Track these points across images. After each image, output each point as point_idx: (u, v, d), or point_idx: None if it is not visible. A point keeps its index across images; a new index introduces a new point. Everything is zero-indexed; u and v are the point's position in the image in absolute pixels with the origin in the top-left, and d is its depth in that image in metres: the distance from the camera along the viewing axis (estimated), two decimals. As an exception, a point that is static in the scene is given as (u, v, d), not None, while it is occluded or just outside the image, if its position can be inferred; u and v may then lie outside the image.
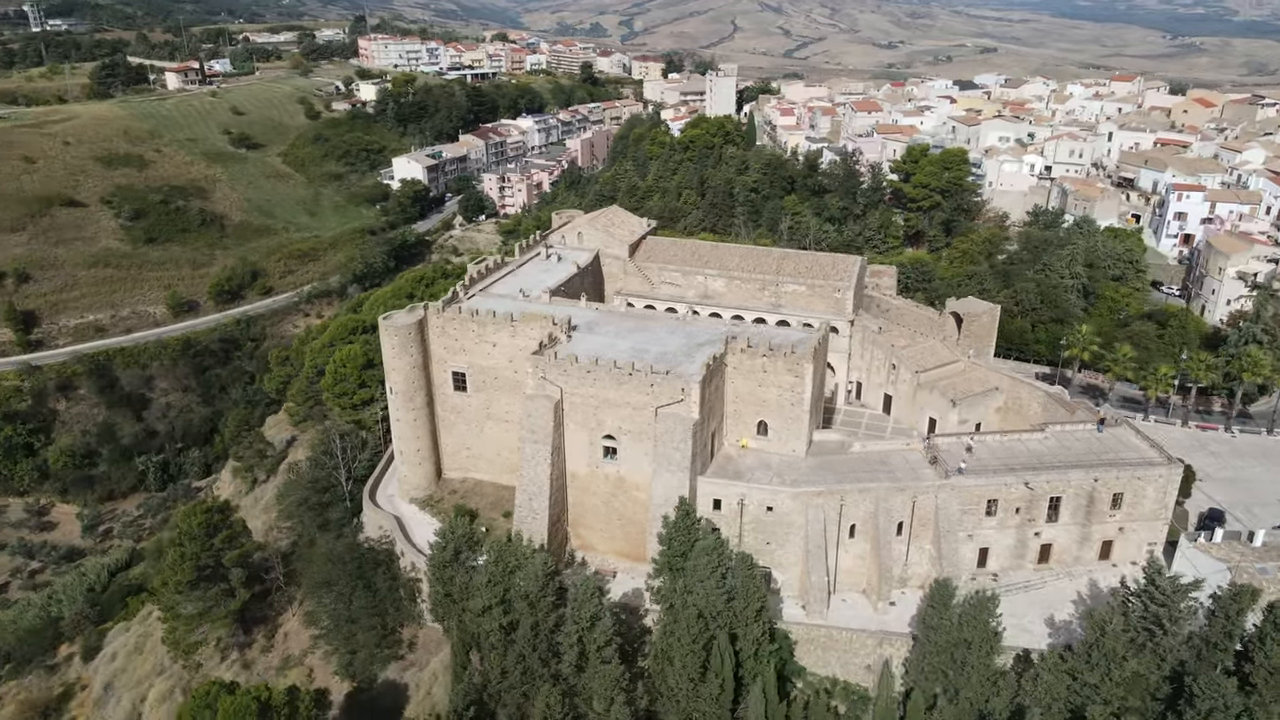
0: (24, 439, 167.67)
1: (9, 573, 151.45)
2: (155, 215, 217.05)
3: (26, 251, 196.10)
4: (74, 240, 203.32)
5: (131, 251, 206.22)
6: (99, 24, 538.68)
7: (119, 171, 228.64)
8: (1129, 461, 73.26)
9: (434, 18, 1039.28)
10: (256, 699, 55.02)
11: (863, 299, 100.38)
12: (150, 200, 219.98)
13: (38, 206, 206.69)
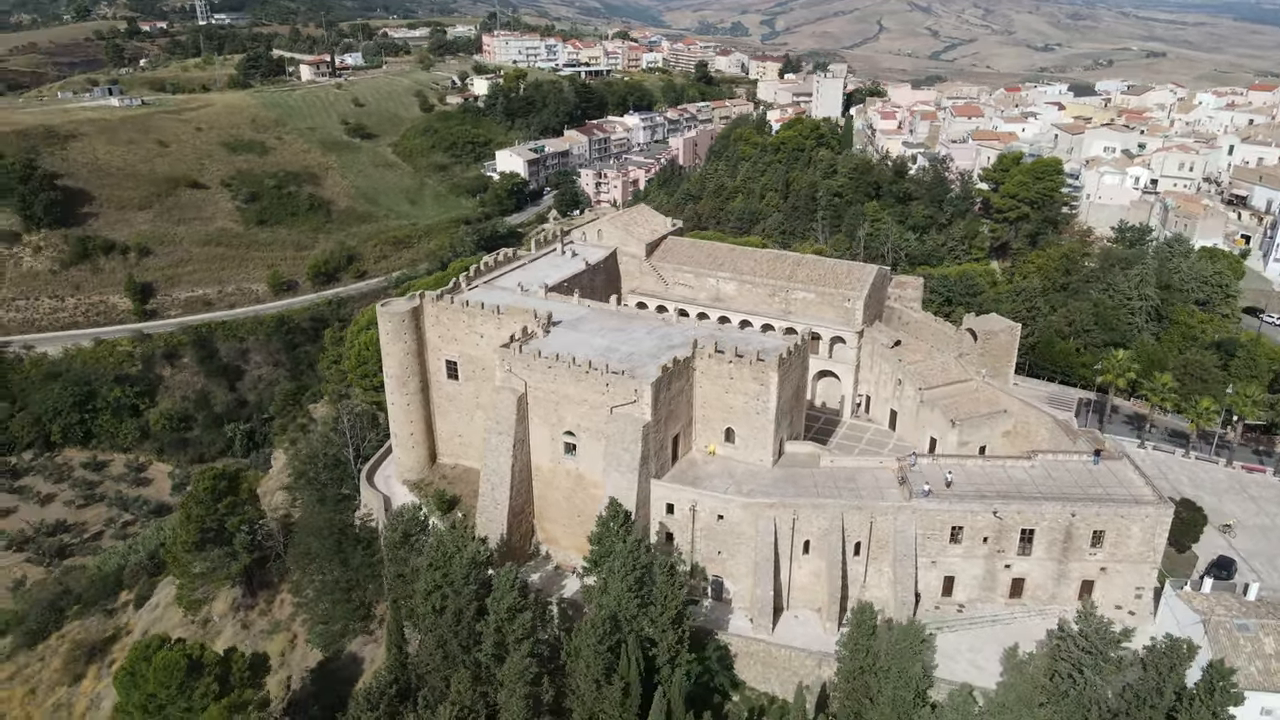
0: (131, 401, 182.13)
1: (104, 522, 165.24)
2: (268, 199, 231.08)
3: (150, 228, 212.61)
4: (193, 219, 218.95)
5: (243, 232, 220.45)
6: (260, 19, 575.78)
7: (241, 157, 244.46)
8: (1112, 498, 68.56)
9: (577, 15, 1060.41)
10: (188, 656, 58.79)
11: (882, 310, 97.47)
12: (265, 184, 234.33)
13: (165, 187, 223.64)
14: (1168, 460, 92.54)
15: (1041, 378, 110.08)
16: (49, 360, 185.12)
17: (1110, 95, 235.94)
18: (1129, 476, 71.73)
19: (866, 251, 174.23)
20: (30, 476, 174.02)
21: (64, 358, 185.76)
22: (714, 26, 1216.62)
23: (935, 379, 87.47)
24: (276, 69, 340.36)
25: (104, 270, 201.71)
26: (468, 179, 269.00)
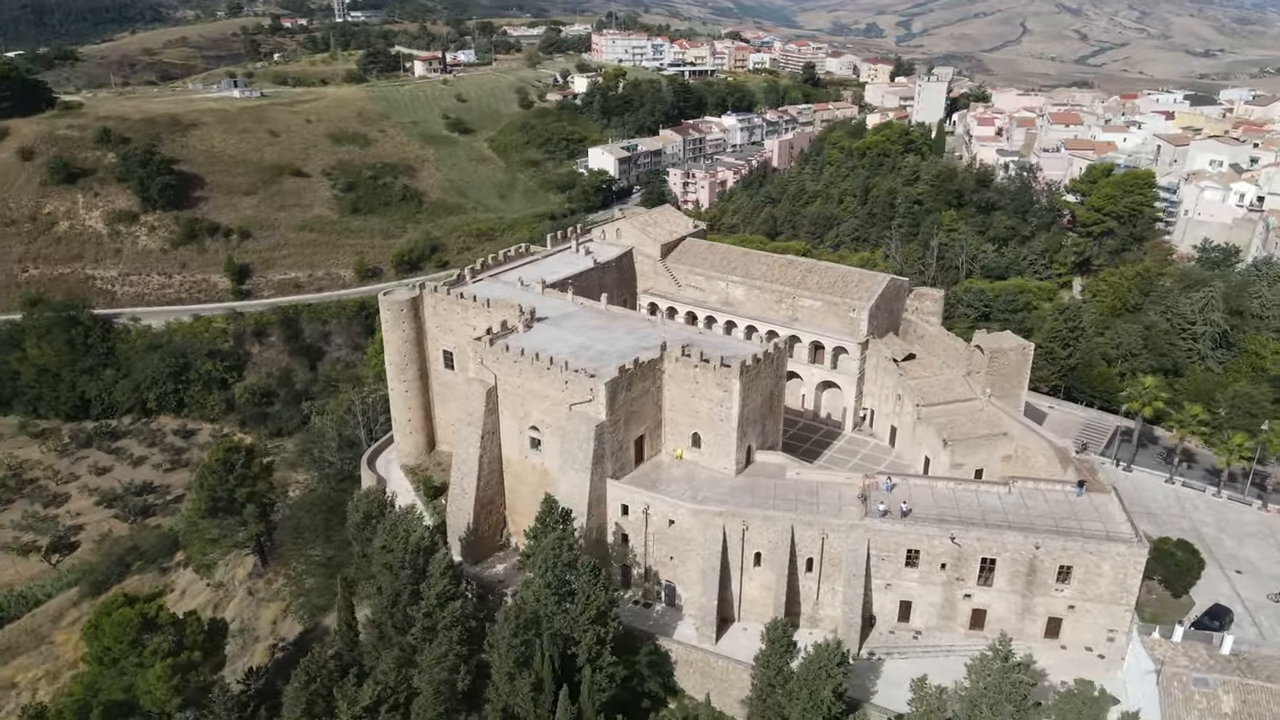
0: (221, 374, 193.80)
1: (185, 486, 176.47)
2: (364, 188, 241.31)
3: (253, 213, 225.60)
4: (293, 206, 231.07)
5: (337, 219, 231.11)
6: (393, 16, 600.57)
7: (344, 148, 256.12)
8: (1084, 532, 64.62)
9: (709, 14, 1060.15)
10: (143, 615, 62.82)
11: (898, 322, 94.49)
12: (363, 175, 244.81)
13: (270, 174, 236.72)
14: (1194, 498, 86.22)
15: (1080, 402, 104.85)
16: (152, 332, 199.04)
17: (1232, 105, 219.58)
18: (1111, 511, 67.47)
19: (940, 262, 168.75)
20: (127, 439, 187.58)
21: (165, 331, 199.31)
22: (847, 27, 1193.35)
23: (935, 396, 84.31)
24: (393, 65, 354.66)
25: (208, 251, 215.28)
26: (559, 175, 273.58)
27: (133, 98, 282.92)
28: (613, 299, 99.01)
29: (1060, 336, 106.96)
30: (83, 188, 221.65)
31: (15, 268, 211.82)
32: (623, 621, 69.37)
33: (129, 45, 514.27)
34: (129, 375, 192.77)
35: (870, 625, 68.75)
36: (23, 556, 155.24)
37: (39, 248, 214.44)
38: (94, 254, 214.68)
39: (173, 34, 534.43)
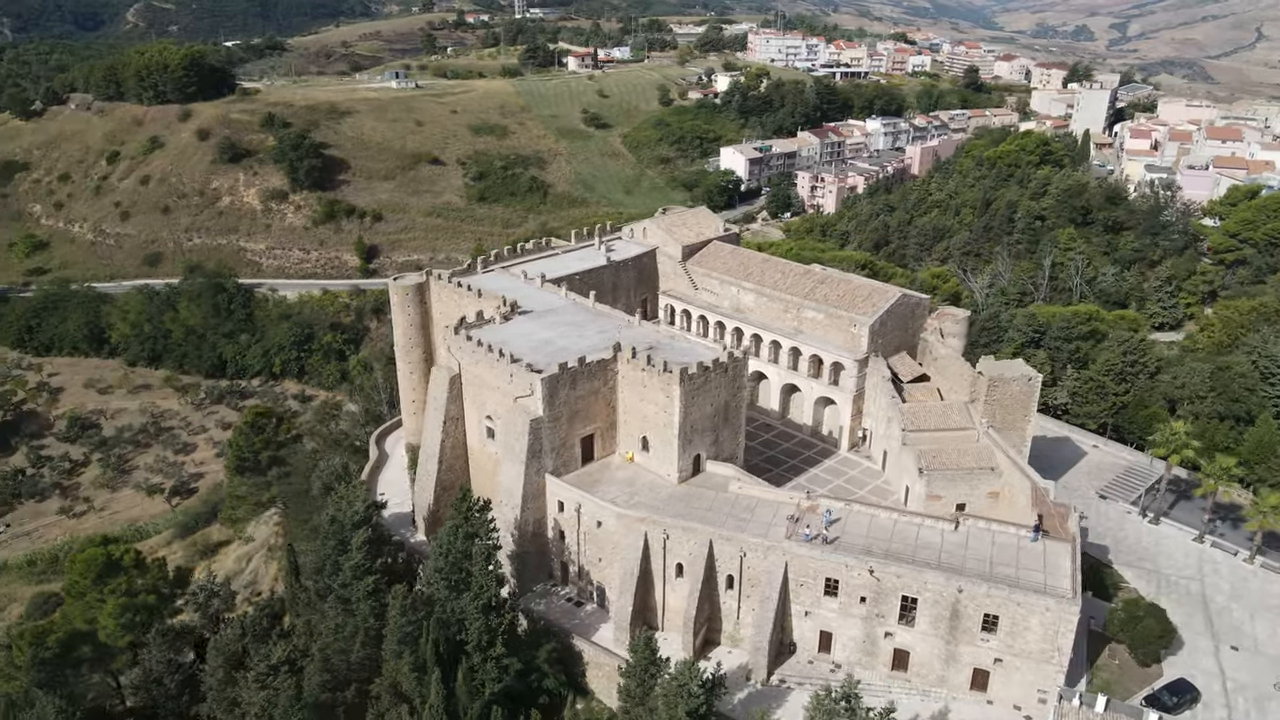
0: (339, 346, 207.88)
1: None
2: (494, 178, 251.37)
3: (388, 197, 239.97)
4: (425, 192, 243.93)
5: (464, 207, 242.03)
6: (569, 14, 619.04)
7: (482, 138, 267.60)
8: (1014, 581, 59.66)
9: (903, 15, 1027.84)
10: (108, 556, 69.35)
11: (914, 341, 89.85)
12: (494, 165, 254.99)
13: (409, 161, 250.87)
14: (1220, 561, 77.36)
15: (1129, 443, 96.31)
16: (286, 303, 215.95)
17: None
18: (1061, 562, 61.87)
19: (1051, 284, 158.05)
20: (253, 399, 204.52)
21: (297, 302, 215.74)
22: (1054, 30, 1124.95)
23: (926, 421, 79.70)
24: (549, 60, 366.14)
25: (344, 230, 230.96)
26: (687, 173, 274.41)
27: (306, 86, 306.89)
28: (631, 298, 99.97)
29: (1115, 371, 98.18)
30: (245, 167, 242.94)
31: (182, 236, 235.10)
32: (545, 618, 70.73)
33: (330, 38, 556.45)
34: (261, 341, 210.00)
35: (791, 652, 66.29)
36: (149, 496, 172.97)
37: (203, 220, 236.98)
38: (248, 228, 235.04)
39: (368, 28, 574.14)
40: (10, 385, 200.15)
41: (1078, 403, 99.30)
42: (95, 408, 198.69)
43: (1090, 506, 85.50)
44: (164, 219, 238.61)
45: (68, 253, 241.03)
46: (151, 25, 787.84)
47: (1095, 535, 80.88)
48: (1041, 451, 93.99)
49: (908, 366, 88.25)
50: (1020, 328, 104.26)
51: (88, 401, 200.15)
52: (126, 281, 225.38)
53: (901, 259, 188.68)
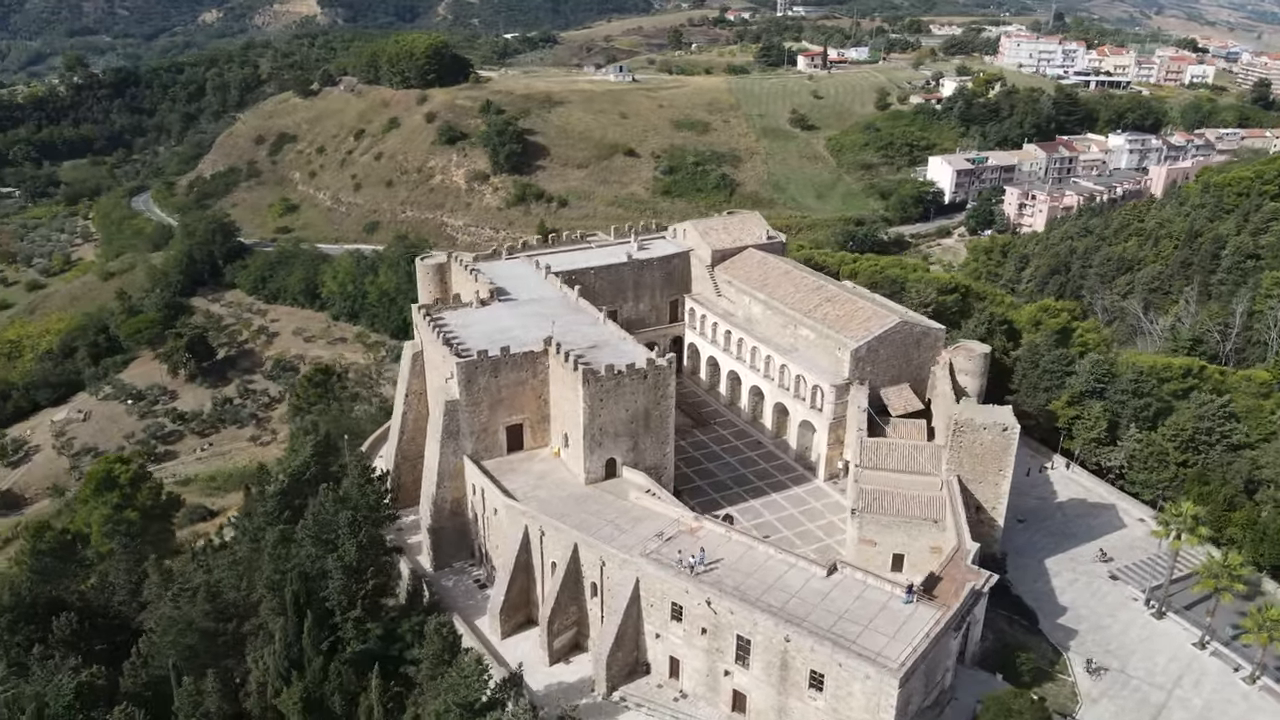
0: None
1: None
2: (683, 173, 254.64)
3: (578, 184, 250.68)
4: (614, 182, 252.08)
5: (647, 199, 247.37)
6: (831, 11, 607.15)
7: (682, 133, 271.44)
8: (845, 640, 54.19)
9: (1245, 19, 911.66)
10: (109, 471, 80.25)
11: (920, 373, 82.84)
12: (686, 160, 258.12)
13: (606, 151, 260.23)
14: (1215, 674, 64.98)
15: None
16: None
17: None
18: (917, 630, 55.28)
19: (1246, 335, 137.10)
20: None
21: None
22: None
23: (887, 460, 73.54)
24: (781, 59, 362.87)
25: (532, 214, 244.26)
26: (888, 182, 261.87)
27: (534, 76, 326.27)
28: (657, 298, 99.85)
29: (1184, 438, 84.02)
30: (458, 149, 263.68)
31: (398, 209, 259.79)
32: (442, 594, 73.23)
33: (598, 32, 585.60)
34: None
35: (645, 672, 64.25)
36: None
37: (417, 195, 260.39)
38: (452, 205, 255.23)
39: (632, 23, 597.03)
40: (239, 325, 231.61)
41: (1134, 468, 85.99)
42: (297, 353, 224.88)
43: (1093, 587, 74.92)
44: (386, 192, 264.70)
45: (310, 216, 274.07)
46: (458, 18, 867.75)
47: (1073, 619, 70.99)
48: (1077, 516, 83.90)
49: (903, 400, 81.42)
50: (1084, 374, 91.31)
51: (293, 347, 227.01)
52: (346, 245, 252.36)
53: (1077, 290, 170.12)
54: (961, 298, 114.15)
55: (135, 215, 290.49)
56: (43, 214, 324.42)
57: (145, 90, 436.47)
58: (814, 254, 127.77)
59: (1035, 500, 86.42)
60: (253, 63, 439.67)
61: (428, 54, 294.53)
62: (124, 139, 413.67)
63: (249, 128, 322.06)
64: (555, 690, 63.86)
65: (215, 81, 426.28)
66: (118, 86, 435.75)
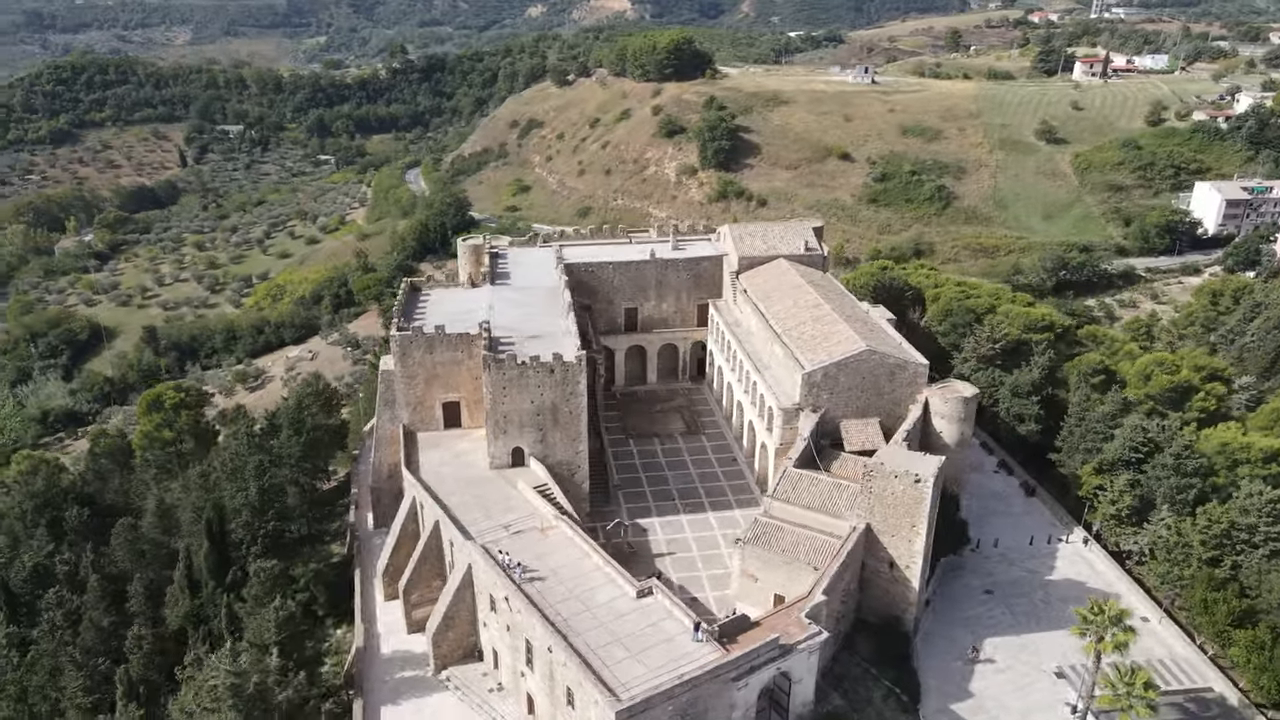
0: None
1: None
2: (896, 181, 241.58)
3: (782, 185, 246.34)
4: (819, 186, 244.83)
5: (850, 205, 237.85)
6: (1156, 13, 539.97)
7: (907, 140, 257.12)
8: (588, 658, 51.80)
9: None
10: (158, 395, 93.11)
11: (896, 408, 75.62)
12: (902, 168, 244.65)
13: (819, 154, 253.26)
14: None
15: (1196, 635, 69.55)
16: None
17: None
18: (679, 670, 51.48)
19: None
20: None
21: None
22: None
23: (801, 497, 68.44)
24: (1059, 65, 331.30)
25: (730, 211, 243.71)
26: (1138, 207, 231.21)
27: (772, 75, 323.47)
28: (683, 300, 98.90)
29: (1216, 532, 69.08)
30: (675, 142, 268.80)
31: (610, 196, 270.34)
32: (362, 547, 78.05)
33: (887, 32, 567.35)
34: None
35: (480, 658, 64.88)
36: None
37: (630, 184, 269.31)
38: (659, 197, 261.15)
39: (923, 23, 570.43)
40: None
41: (1156, 558, 72.02)
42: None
43: (1025, 680, 65.06)
44: (604, 179, 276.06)
45: (537, 197, 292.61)
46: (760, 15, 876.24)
47: (971, 709, 62.19)
48: (1062, 599, 73.55)
49: (865, 436, 74.61)
50: (1122, 439, 76.78)
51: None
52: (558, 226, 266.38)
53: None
54: (1055, 338, 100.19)
55: (400, 185, 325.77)
56: (339, 179, 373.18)
57: (448, 76, 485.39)
58: (894, 271, 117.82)
59: (1022, 572, 75.57)
60: (541, 53, 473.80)
61: (668, 49, 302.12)
62: (424, 118, 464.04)
63: (508, 112, 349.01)
64: (398, 658, 66.50)
65: (506, 70, 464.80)
66: (426, 71, 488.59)
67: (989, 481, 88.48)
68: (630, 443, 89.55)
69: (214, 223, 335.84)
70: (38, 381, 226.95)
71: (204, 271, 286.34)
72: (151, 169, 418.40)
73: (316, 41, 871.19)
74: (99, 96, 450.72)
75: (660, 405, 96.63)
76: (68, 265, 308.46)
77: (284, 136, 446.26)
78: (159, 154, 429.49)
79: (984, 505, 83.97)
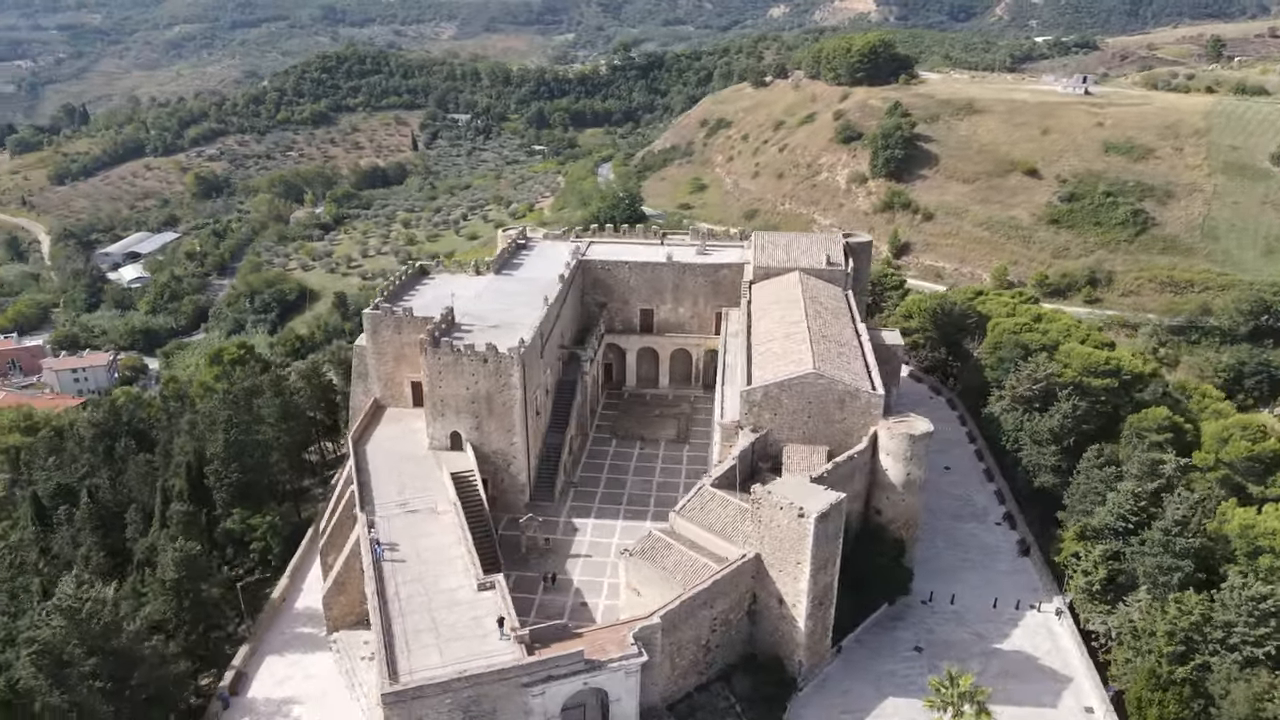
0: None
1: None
2: (1086, 202, 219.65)
3: (953, 199, 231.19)
4: (995, 202, 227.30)
5: (1027, 225, 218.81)
6: None
7: (1110, 157, 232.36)
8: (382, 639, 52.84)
9: None
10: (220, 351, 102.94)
11: (843, 438, 70.90)
12: (1095, 188, 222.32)
13: (1002, 168, 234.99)
14: None
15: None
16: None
17: None
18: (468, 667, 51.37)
19: None
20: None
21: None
22: None
23: (707, 515, 65.79)
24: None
25: (894, 222, 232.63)
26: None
27: (973, 82, 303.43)
28: (700, 305, 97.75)
29: (1182, 628, 58.59)
30: (850, 149, 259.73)
31: (779, 200, 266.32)
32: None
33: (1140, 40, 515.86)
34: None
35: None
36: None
37: (800, 190, 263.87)
38: (826, 204, 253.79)
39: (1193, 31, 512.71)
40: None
41: (1122, 644, 62.22)
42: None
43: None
44: (775, 183, 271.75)
45: (711, 197, 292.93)
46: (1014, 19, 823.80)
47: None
48: (1001, 675, 64.83)
49: (809, 463, 70.15)
50: (1113, 504, 65.70)
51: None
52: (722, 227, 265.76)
53: None
54: (1121, 388, 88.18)
55: (588, 178, 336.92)
56: (540, 169, 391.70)
57: (665, 74, 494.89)
58: (954, 296, 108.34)
59: (968, 635, 68.07)
60: (758, 54, 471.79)
61: (862, 52, 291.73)
62: (636, 114, 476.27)
63: (701, 111, 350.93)
64: (305, 614, 70.62)
65: (722, 69, 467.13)
66: (645, 69, 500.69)
67: (985, 534, 79.77)
68: (612, 443, 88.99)
69: (424, 203, 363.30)
70: (248, 332, 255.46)
71: (401, 247, 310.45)
72: (388, 151, 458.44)
73: (565, 38, 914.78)
74: (355, 84, 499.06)
75: (661, 410, 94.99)
76: (297, 233, 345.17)
77: (505, 126, 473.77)
78: (397, 138, 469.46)
79: (965, 558, 76.10)
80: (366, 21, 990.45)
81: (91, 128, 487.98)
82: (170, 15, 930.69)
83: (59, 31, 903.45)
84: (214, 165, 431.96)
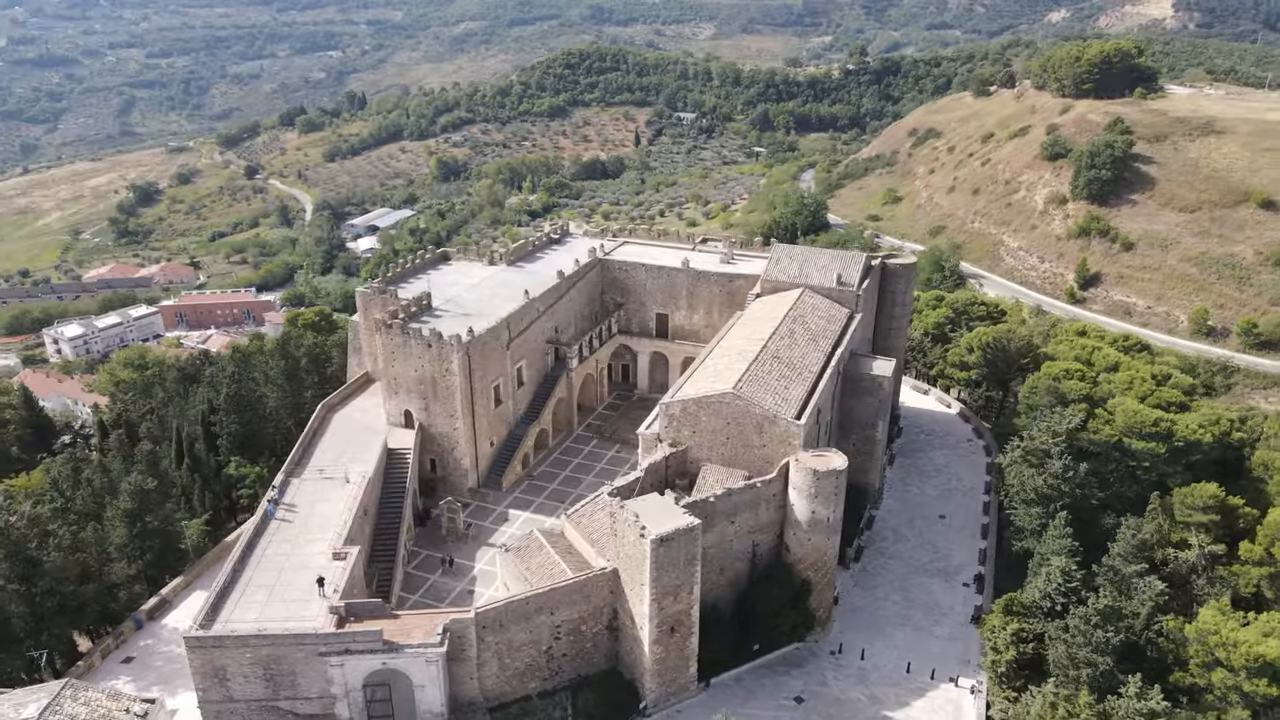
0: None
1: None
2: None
3: (1163, 230, 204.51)
4: (1214, 235, 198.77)
5: (1247, 264, 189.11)
6: None
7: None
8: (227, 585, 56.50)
9: None
10: (298, 315, 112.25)
11: (760, 464, 67.18)
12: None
13: (1232, 198, 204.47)
14: None
15: None
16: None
17: None
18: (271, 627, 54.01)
19: None
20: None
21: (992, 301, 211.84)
22: None
23: (593, 526, 64.67)
24: None
25: (1089, 249, 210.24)
26: None
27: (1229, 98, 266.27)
28: (714, 313, 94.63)
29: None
30: (1054, 167, 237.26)
31: (969, 218, 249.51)
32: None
33: None
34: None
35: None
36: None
37: (993, 208, 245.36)
38: (1018, 225, 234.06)
39: None
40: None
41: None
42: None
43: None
44: (969, 199, 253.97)
45: (902, 210, 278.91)
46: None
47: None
48: None
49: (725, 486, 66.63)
50: (1046, 579, 55.27)
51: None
52: (907, 243, 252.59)
53: None
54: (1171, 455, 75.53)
55: (786, 183, 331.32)
56: (746, 171, 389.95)
57: (901, 79, 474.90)
58: (1010, 327, 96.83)
59: (862, 696, 62.46)
60: (1005, 60, 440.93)
61: (1093, 61, 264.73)
62: (862, 120, 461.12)
63: (913, 119, 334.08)
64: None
65: (964, 77, 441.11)
66: (879, 74, 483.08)
67: (945, 593, 71.33)
68: (591, 443, 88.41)
69: (629, 196, 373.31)
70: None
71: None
72: (613, 145, 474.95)
73: (822, 40, 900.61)
74: (593, 80, 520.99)
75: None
76: (509, 217, 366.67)
77: (729, 127, 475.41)
78: (623, 133, 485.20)
79: (906, 615, 68.88)
80: (630, 21, 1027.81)
81: (366, 112, 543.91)
82: (460, 12, 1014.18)
83: (366, 26, 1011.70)
84: (456, 151, 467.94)
